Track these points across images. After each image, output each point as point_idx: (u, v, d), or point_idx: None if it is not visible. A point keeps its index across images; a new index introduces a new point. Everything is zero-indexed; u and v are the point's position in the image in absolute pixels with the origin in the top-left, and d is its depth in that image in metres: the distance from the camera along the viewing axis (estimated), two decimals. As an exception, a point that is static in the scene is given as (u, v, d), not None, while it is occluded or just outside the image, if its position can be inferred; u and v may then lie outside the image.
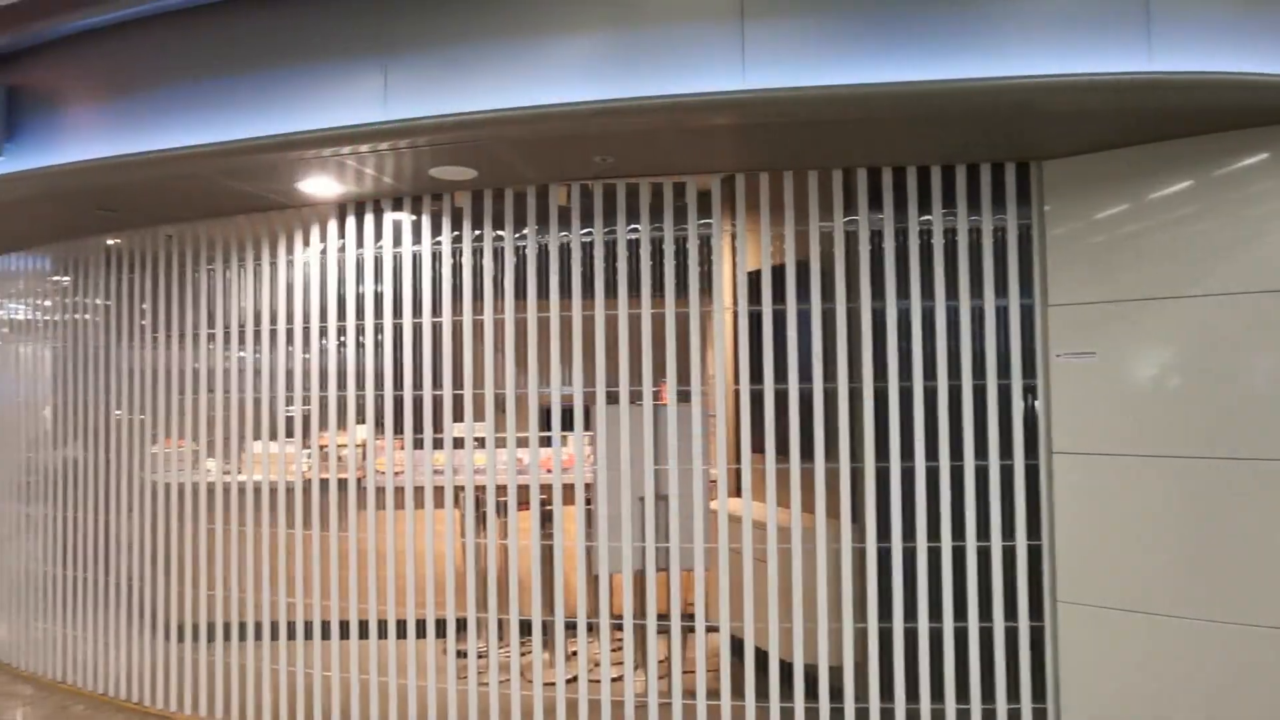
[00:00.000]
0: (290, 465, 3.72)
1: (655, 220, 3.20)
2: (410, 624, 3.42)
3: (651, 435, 3.20)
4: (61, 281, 4.51)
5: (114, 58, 3.20)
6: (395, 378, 3.42)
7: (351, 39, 2.79)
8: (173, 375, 4.01)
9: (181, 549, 3.91)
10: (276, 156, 2.88)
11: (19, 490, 4.64)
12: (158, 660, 3.86)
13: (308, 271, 3.60)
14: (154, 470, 4.07)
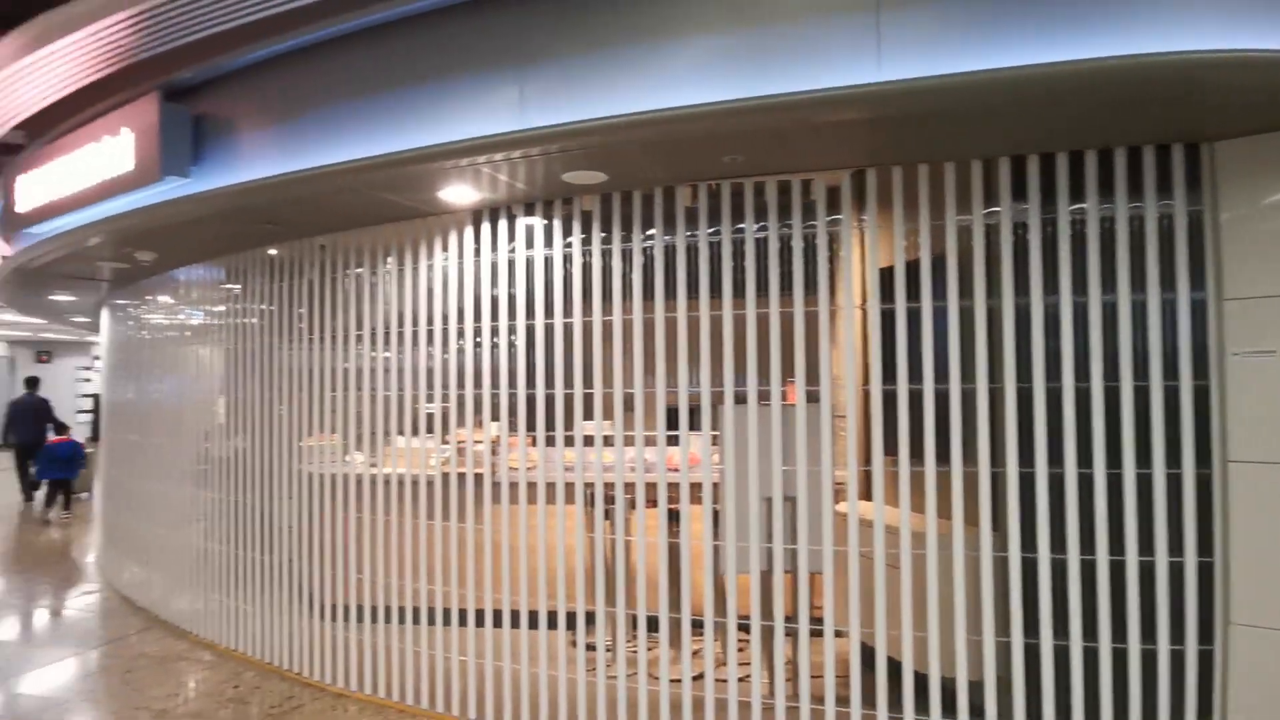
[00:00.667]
0: (429, 460, 3.94)
1: (783, 218, 3.16)
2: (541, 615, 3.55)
3: (779, 436, 3.17)
4: (232, 289, 4.98)
5: (280, 86, 3.50)
6: (527, 377, 3.56)
7: (489, 54, 2.93)
8: (324, 374, 4.35)
9: (332, 535, 4.23)
10: (421, 168, 3.06)
11: (197, 476, 5.17)
12: (314, 636, 4.20)
13: (446, 275, 3.80)
14: (307, 461, 4.43)
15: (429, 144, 2.93)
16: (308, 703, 3.91)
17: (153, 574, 5.55)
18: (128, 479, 6.14)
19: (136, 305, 6.22)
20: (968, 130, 2.72)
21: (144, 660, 4.56)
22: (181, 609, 5.11)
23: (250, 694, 4.03)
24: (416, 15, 3.07)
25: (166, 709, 3.87)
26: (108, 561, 6.65)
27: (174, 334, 5.66)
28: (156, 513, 5.57)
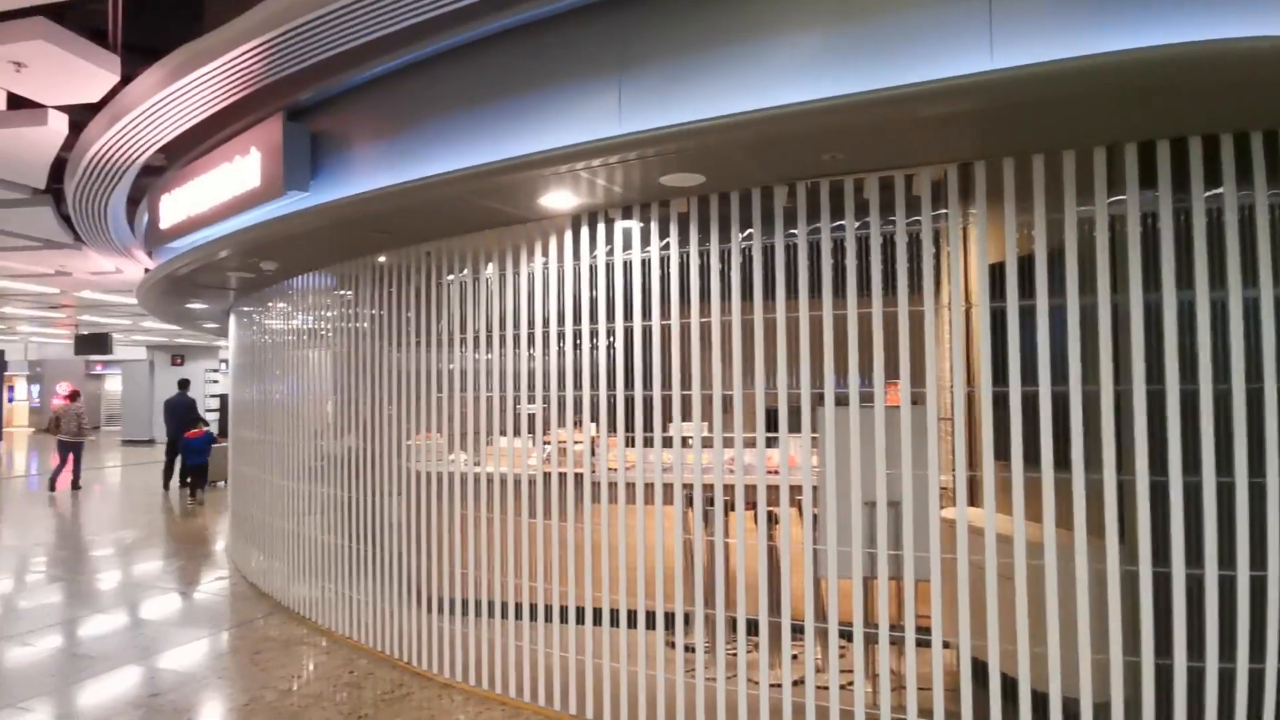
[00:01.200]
0: (529, 459, 4.04)
1: (886, 214, 3.07)
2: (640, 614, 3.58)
3: (882, 438, 3.08)
4: (343, 295, 5.26)
5: (389, 102, 3.68)
6: (626, 378, 3.60)
7: (588, 61, 2.98)
8: (429, 375, 4.53)
9: (436, 530, 4.41)
10: (523, 175, 3.14)
11: (311, 472, 5.49)
12: (421, 627, 4.38)
13: (546, 279, 3.89)
14: (414, 459, 4.63)
15: (530, 152, 3.01)
16: (416, 691, 4.08)
17: (274, 562, 5.94)
18: (252, 473, 6.60)
19: (259, 311, 6.67)
20: (1089, 117, 2.56)
21: (269, 643, 4.88)
22: (300, 596, 5.44)
23: (364, 680, 4.24)
24: (518, 27, 3.17)
25: (291, 689, 4.13)
26: (236, 549, 7.16)
27: (291, 338, 6.03)
28: (277, 505, 5.95)
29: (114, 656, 4.68)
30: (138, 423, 23.02)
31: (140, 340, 21.92)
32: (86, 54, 3.65)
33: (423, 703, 3.93)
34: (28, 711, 3.90)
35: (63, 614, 5.62)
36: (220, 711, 3.92)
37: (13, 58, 3.56)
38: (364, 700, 3.97)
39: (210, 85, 3.66)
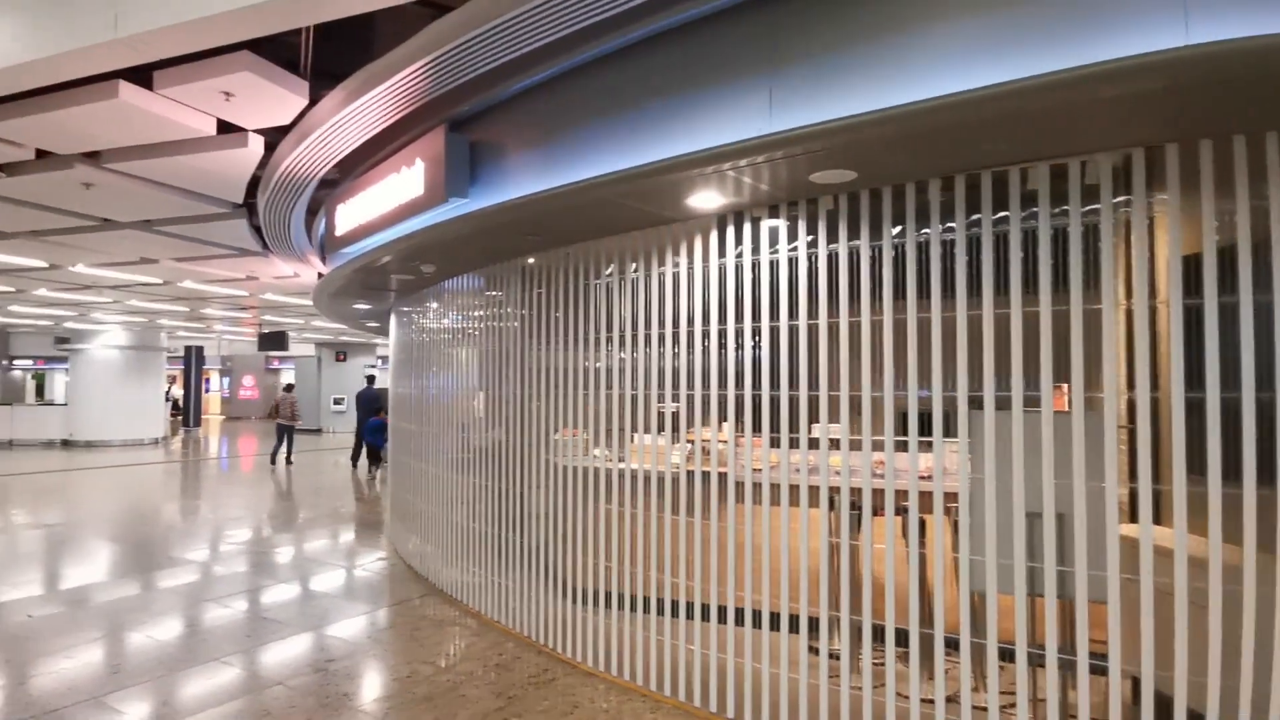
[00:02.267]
0: (670, 457, 4.09)
1: (1057, 204, 2.86)
2: (783, 617, 3.55)
3: (1050, 446, 2.87)
4: (493, 296, 5.55)
5: (540, 110, 3.83)
6: (773, 378, 3.56)
7: (737, 61, 2.97)
8: (573, 373, 4.69)
9: (578, 523, 4.56)
10: (672, 177, 3.19)
11: (461, 463, 5.83)
12: (565, 616, 4.54)
13: (692, 279, 3.92)
14: (556, 453, 4.81)
15: (681, 153, 3.04)
16: (560, 677, 4.23)
17: (428, 546, 6.35)
18: (408, 462, 7.09)
19: (416, 311, 7.16)
20: (1308, 90, 2.27)
21: (425, 622, 5.23)
22: (453, 580, 5.79)
23: (512, 662, 4.46)
24: (666, 31, 3.21)
25: (446, 665, 4.41)
26: (394, 532, 7.72)
27: (444, 336, 6.43)
28: (431, 492, 6.37)
29: (293, 623, 5.18)
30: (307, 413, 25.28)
31: (310, 338, 24.10)
32: (282, 81, 4.07)
33: (567, 689, 4.08)
34: (229, 666, 4.39)
35: (251, 582, 6.28)
36: (386, 680, 4.24)
37: (224, 89, 4.04)
38: (513, 681, 4.17)
39: (382, 103, 3.97)
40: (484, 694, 4.00)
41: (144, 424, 19.87)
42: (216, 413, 33.30)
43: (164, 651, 4.63)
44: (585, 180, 3.46)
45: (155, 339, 20.33)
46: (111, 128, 4.66)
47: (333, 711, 3.82)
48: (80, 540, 8.02)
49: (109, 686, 4.08)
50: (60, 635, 4.91)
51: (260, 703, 3.88)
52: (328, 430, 24.32)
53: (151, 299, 13.80)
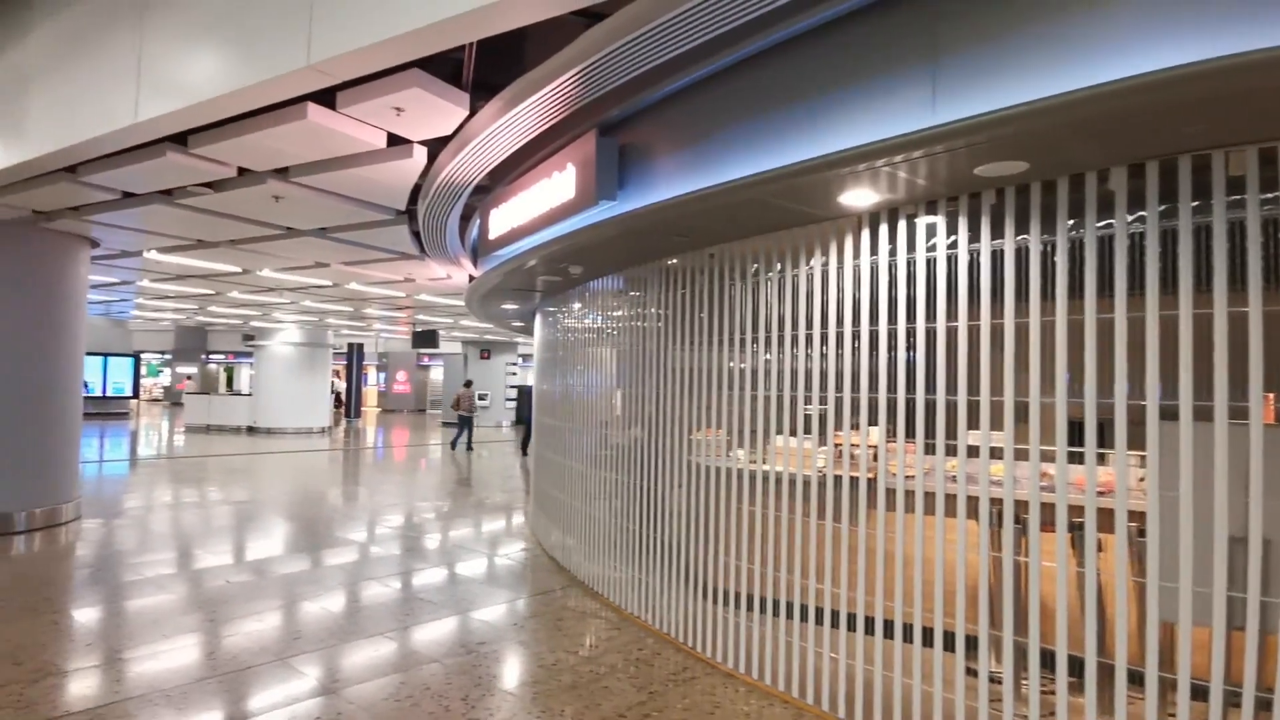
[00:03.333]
0: (809, 460, 4.00)
1: (1269, 190, 2.55)
2: (930, 630, 3.38)
3: (1259, 462, 2.56)
4: (633, 296, 5.65)
5: (688, 112, 3.86)
6: (928, 380, 3.40)
7: (895, 53, 2.86)
8: (712, 373, 4.69)
9: (716, 523, 4.55)
10: (827, 174, 3.11)
11: (602, 459, 5.98)
12: (705, 615, 4.55)
13: (842, 278, 3.82)
14: (695, 453, 4.83)
15: (835, 150, 2.96)
16: (700, 676, 4.24)
17: (568, 539, 6.56)
18: (551, 456, 7.36)
19: (560, 312, 7.41)
20: None
21: (568, 613, 5.41)
22: (594, 573, 5.95)
23: (652, 658, 4.52)
24: (818, 27, 3.14)
25: (589, 656, 4.53)
26: (536, 523, 8.03)
27: (586, 336, 6.61)
28: (572, 486, 6.57)
29: (444, 604, 5.51)
30: (452, 407, 26.83)
31: (457, 336, 25.55)
32: (446, 94, 4.34)
33: (708, 688, 4.08)
34: (390, 640, 4.73)
35: (405, 563, 6.74)
36: (532, 667, 4.42)
37: (395, 104, 4.36)
38: (654, 677, 4.23)
39: (536, 111, 4.14)
40: (626, 687, 4.08)
41: (312, 414, 21.83)
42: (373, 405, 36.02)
43: (335, 622, 5.06)
44: (735, 180, 3.44)
45: (323, 337, 22.28)
46: (299, 145, 5.15)
47: (486, 691, 4.02)
48: (262, 517, 8.92)
49: (292, 650, 4.51)
50: (250, 600, 5.48)
51: (420, 677, 4.15)
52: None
53: (322, 300, 15.12)
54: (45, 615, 5.05)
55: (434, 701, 3.84)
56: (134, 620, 5.00)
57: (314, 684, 4.04)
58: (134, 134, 4.66)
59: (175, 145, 5.35)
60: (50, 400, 7.82)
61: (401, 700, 3.84)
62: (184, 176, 5.96)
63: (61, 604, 5.37)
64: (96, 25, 4.66)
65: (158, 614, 5.13)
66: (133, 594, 5.58)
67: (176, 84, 4.19)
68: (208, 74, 4.03)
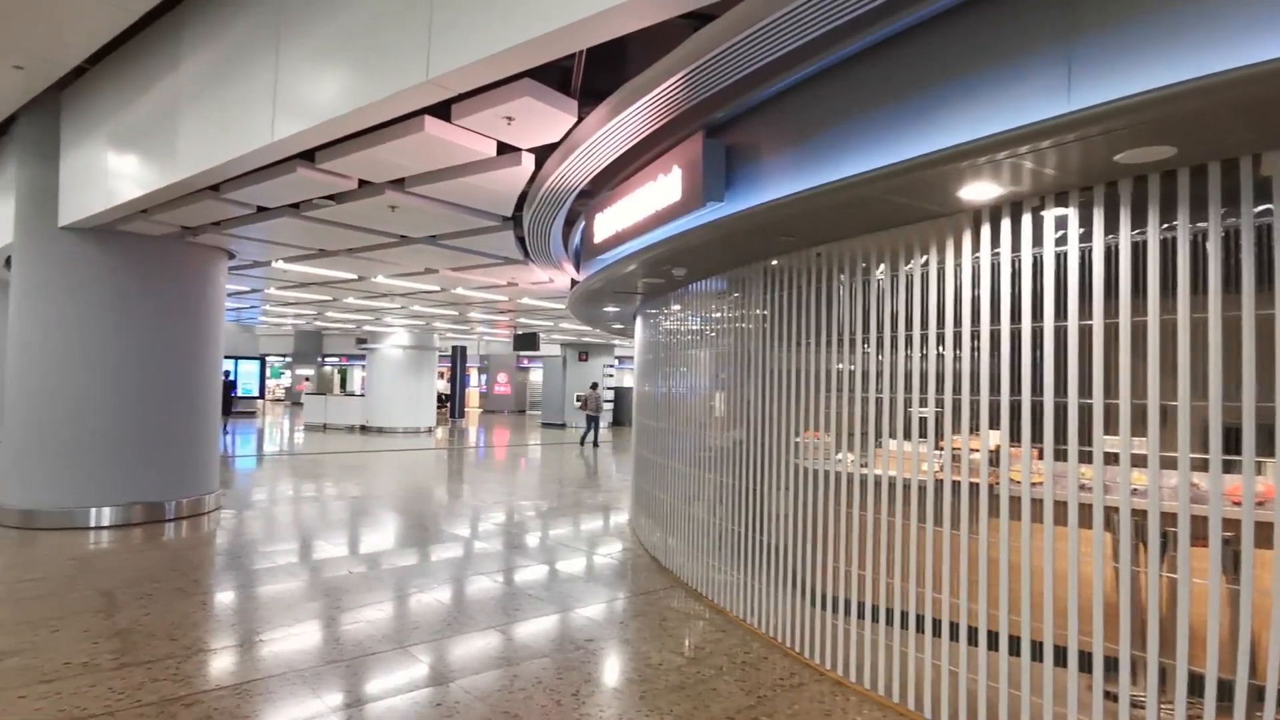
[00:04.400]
0: (922, 464, 3.86)
1: None
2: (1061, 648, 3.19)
3: None
4: (734, 297, 5.62)
5: (798, 110, 3.80)
6: (1057, 382, 3.22)
7: (1026, 38, 2.72)
8: (816, 375, 4.61)
9: (822, 527, 4.45)
10: (946, 168, 3.00)
11: (703, 460, 5.96)
12: (812, 620, 4.47)
13: (957, 276, 3.67)
14: (799, 456, 4.74)
15: (957, 143, 2.85)
16: (809, 683, 4.17)
17: (670, 539, 6.58)
18: (651, 456, 7.40)
19: (661, 314, 7.45)
20: None
21: (672, 614, 5.43)
22: (697, 575, 5.94)
23: (759, 662, 4.47)
24: (933, 17, 3.03)
25: (695, 658, 4.53)
26: (637, 522, 8.11)
27: (686, 338, 6.62)
28: (672, 487, 6.59)
29: (551, 601, 5.63)
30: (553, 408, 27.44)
31: (556, 339, 26.12)
32: (555, 102, 4.45)
33: (818, 695, 4.00)
34: (501, 633, 4.88)
35: (510, 559, 6.93)
36: (639, 665, 4.45)
37: (506, 114, 4.51)
38: (761, 682, 4.18)
39: (642, 115, 4.18)
40: (734, 690, 4.05)
41: (419, 414, 22.83)
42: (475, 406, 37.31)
43: (448, 613, 5.28)
44: (847, 178, 3.37)
45: (429, 340, 23.26)
46: (416, 157, 5.40)
47: (595, 687, 4.09)
48: (375, 511, 9.40)
49: (410, 639, 4.72)
50: (369, 590, 5.78)
51: (531, 671, 4.26)
52: (570, 425, 26.18)
53: (429, 304, 15.79)
54: (194, 596, 5.50)
55: (545, 695, 3.93)
56: (269, 604, 5.37)
57: (432, 672, 4.22)
58: (270, 153, 5.02)
59: (304, 161, 5.72)
60: (195, 400, 8.51)
61: (515, 692, 3.95)
62: (311, 190, 6.36)
63: (207, 586, 5.84)
64: (238, 54, 5.04)
65: (289, 599, 5.49)
66: (265, 580, 5.99)
67: (307, 104, 4.48)
68: (335, 93, 4.29)
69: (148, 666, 4.12)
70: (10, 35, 5.56)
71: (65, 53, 5.97)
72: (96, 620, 4.86)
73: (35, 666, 4.08)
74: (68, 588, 5.58)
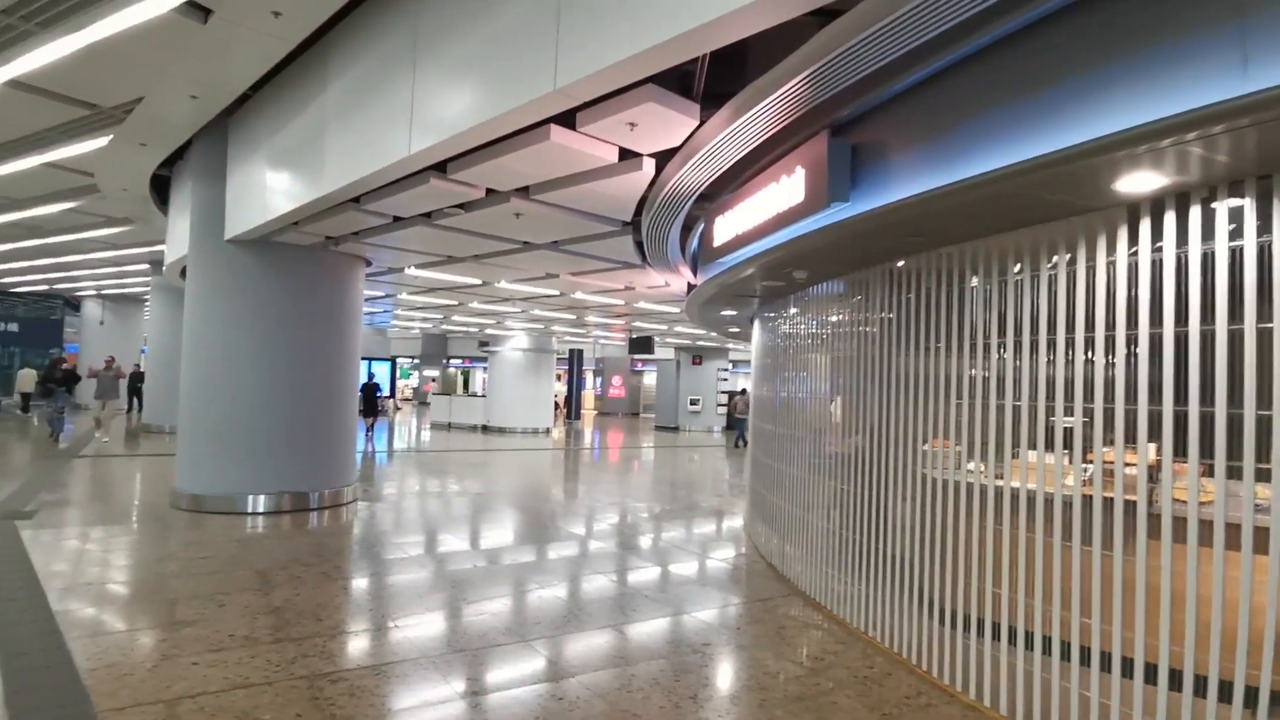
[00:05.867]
0: (1066, 478, 3.59)
1: None
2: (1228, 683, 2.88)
3: None
4: (854, 301, 5.44)
5: (929, 104, 3.64)
6: (1230, 391, 2.92)
7: (1192, 17, 2.49)
8: (943, 381, 4.39)
9: (951, 540, 4.23)
10: (1100, 159, 2.79)
11: (819, 466, 5.82)
12: (940, 638, 4.25)
13: (1110, 275, 3.40)
14: (924, 465, 4.53)
15: (1113, 131, 2.64)
16: (939, 704, 3.97)
17: (787, 546, 6.46)
18: (767, 460, 7.30)
19: (779, 318, 7.34)
20: None
21: (790, 622, 5.32)
22: (814, 583, 5.80)
23: (882, 678, 4.30)
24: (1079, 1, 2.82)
25: (815, 669, 4.42)
26: (753, 527, 8.01)
27: (804, 341, 6.48)
28: (790, 493, 6.46)
29: (667, 603, 5.65)
30: (667, 411, 27.59)
31: (670, 343, 26.27)
32: (678, 107, 4.48)
33: (948, 718, 3.81)
34: (619, 633, 4.95)
35: (627, 560, 7.01)
36: (756, 673, 4.39)
37: (630, 120, 4.58)
38: (885, 699, 4.03)
39: (765, 116, 4.12)
40: (856, 705, 3.92)
41: (537, 414, 23.56)
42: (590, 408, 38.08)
43: (566, 609, 5.40)
44: (986, 173, 3.19)
45: (548, 343, 23.97)
46: (541, 165, 5.58)
47: (714, 692, 4.07)
48: (497, 508, 9.77)
49: (532, 633, 4.87)
50: (492, 584, 6.01)
51: (649, 671, 4.29)
52: (684, 429, 26.25)
53: (549, 308, 16.27)
54: (337, 581, 5.91)
55: (664, 697, 3.95)
56: (400, 592, 5.69)
57: (553, 666, 4.34)
58: (406, 166, 5.33)
59: (437, 173, 6.04)
60: (336, 398, 9.15)
61: (633, 692, 3.99)
62: (442, 199, 6.70)
63: (347, 572, 6.26)
64: (378, 75, 5.39)
65: (418, 588, 5.80)
66: (397, 569, 6.35)
67: (441, 119, 4.73)
68: (466, 107, 4.50)
69: (298, 643, 4.46)
70: (189, 68, 6.19)
71: (233, 81, 6.60)
72: (255, 598, 5.31)
73: (206, 637, 4.50)
74: (231, 566, 6.13)
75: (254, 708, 3.60)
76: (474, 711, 3.71)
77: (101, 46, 5.69)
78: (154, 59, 6.07)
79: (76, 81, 6.71)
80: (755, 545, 7.67)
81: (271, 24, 5.32)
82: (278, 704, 3.66)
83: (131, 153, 8.48)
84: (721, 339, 20.83)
